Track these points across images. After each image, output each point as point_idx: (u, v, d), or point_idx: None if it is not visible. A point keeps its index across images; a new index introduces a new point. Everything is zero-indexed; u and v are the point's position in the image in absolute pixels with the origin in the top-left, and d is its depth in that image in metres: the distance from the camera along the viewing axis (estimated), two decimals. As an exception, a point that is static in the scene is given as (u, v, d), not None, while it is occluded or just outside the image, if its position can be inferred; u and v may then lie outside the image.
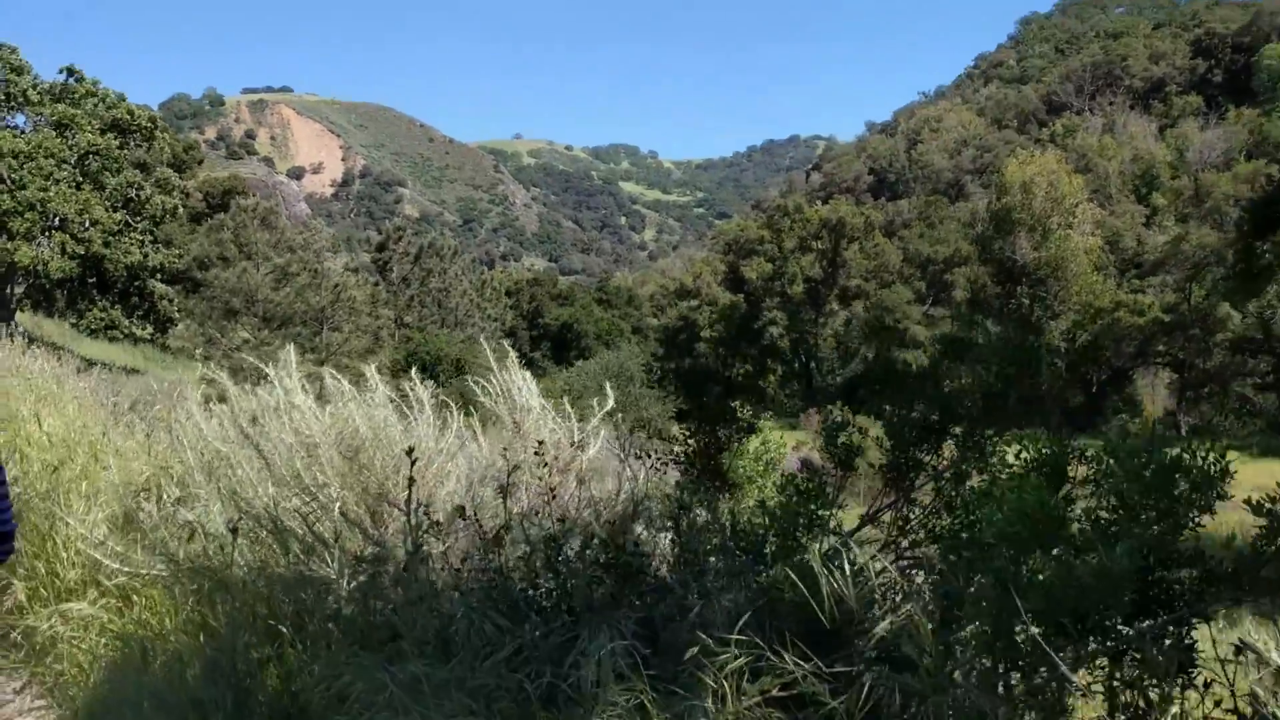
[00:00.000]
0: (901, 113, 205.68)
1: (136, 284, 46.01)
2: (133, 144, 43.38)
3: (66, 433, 5.89)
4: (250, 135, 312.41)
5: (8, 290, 39.05)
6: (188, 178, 61.95)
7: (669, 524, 4.01)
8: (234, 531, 3.68)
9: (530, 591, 3.40)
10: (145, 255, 41.82)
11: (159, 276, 46.77)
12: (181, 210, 47.94)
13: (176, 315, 48.74)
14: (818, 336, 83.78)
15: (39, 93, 41.20)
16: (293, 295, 37.61)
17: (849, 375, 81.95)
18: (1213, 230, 70.93)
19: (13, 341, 12.67)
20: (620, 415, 5.87)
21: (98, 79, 43.62)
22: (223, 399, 7.67)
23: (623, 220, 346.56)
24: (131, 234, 41.64)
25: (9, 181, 37.91)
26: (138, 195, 42.54)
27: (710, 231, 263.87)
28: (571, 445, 4.72)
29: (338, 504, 3.83)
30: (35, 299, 45.80)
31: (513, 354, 4.75)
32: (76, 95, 42.26)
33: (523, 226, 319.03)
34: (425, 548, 3.75)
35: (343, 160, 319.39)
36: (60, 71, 42.80)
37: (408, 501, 3.70)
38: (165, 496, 4.66)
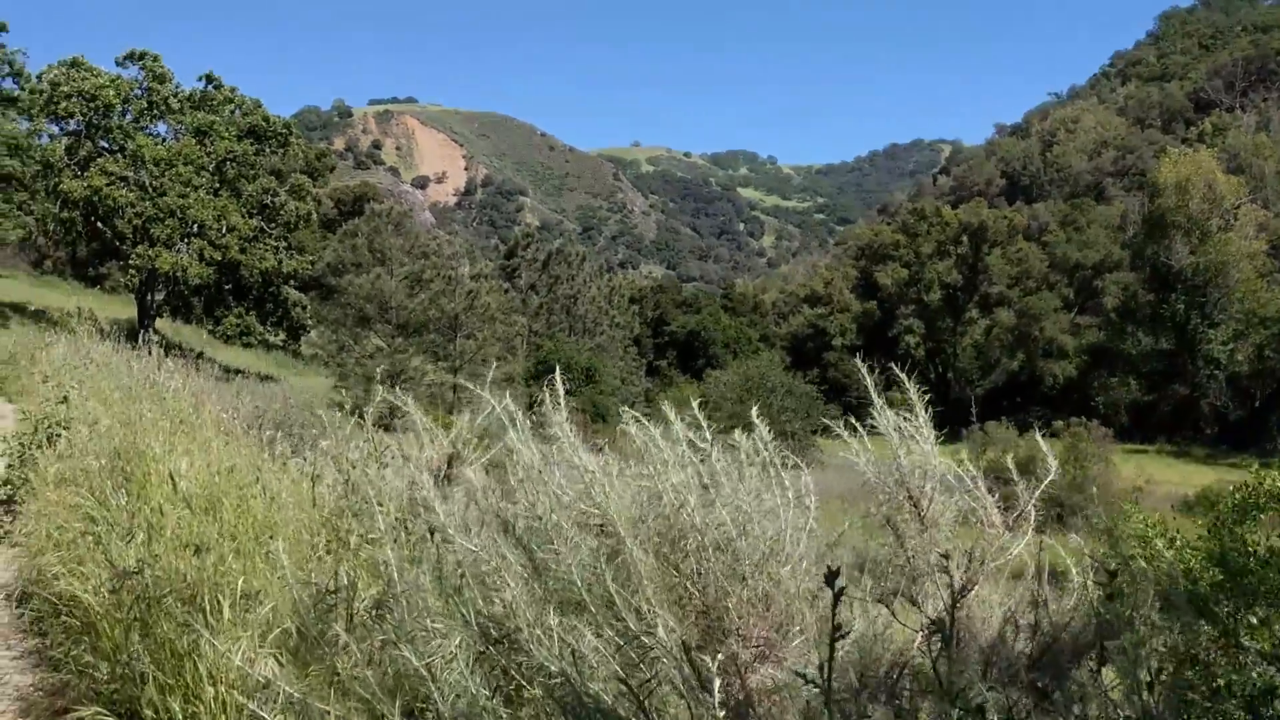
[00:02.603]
0: (1033, 114, 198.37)
1: (271, 290, 46.02)
2: (268, 150, 43.35)
3: (208, 478, 4.38)
4: (376, 145, 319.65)
5: (149, 297, 39.18)
6: (320, 185, 62.35)
7: None
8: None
9: None
10: (279, 261, 41.64)
11: (292, 283, 46.75)
12: (314, 216, 47.88)
13: (309, 322, 48.69)
14: (956, 346, 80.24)
15: (179, 100, 41.41)
16: (426, 302, 36.70)
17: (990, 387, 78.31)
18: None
19: (149, 351, 11.51)
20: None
21: (235, 86, 43.70)
22: (386, 426, 6.08)
23: (741, 226, 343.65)
24: (267, 240, 41.52)
25: (151, 189, 38.06)
26: (273, 201, 42.45)
27: (833, 238, 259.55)
28: (1000, 528, 2.94)
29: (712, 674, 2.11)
30: (174, 305, 46.18)
31: (912, 387, 2.97)
32: (215, 102, 42.36)
33: (641, 234, 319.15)
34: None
35: (465, 169, 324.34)
36: (199, 79, 43.03)
37: (825, 671, 1.96)
38: (356, 599, 3.04)
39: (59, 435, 7.02)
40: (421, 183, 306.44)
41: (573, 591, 2.31)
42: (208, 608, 3.17)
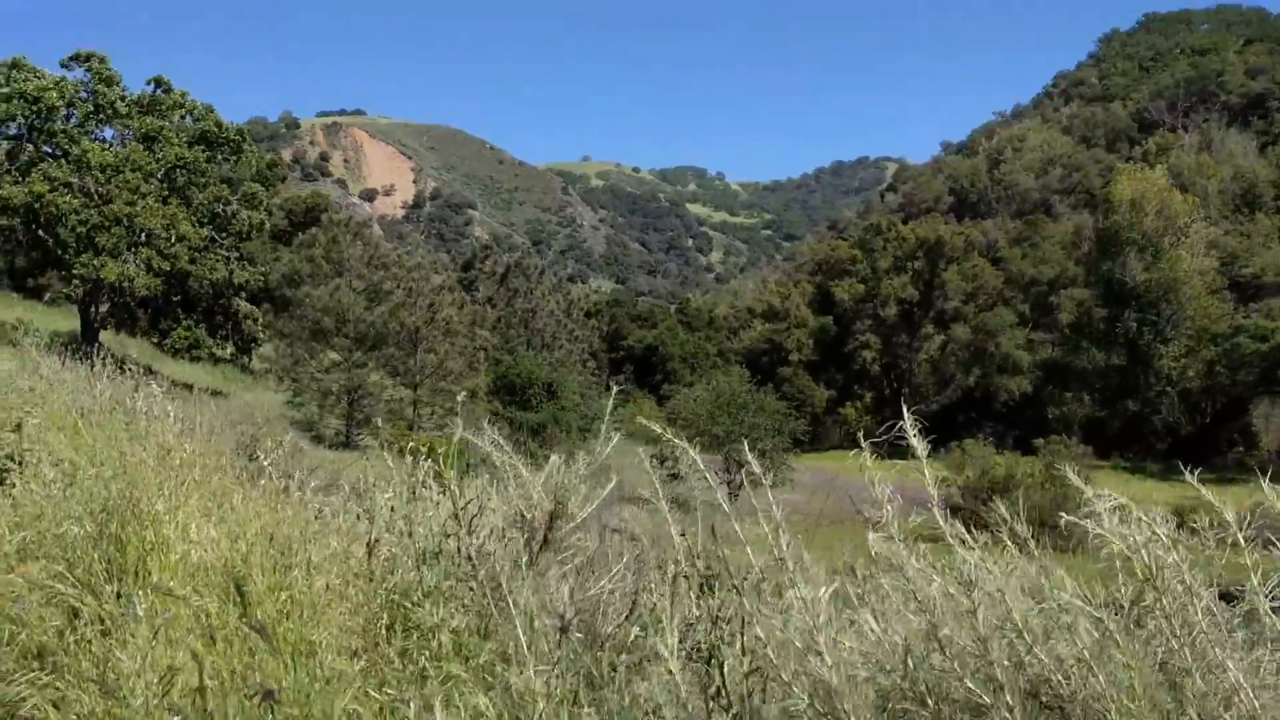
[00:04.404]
0: (979, 132, 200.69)
1: (221, 302, 44.28)
2: (220, 158, 41.70)
3: (230, 547, 3.23)
4: (324, 158, 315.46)
5: (93, 309, 37.33)
6: (271, 195, 60.45)
7: None
8: None
9: None
10: (231, 272, 39.98)
11: (243, 295, 45.03)
12: (267, 226, 46.23)
13: (261, 335, 46.92)
14: (912, 361, 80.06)
15: (127, 104, 39.69)
16: (386, 314, 35.27)
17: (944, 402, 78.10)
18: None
19: (104, 366, 10.12)
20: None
21: (185, 91, 41.98)
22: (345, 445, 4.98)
23: (689, 242, 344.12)
24: (218, 250, 39.85)
25: (96, 196, 36.28)
26: (224, 210, 40.78)
27: (780, 254, 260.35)
28: None
29: None
30: (119, 317, 44.24)
31: None
32: (164, 107, 40.66)
33: (590, 248, 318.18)
34: None
35: (414, 182, 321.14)
36: (148, 83, 41.28)
37: None
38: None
39: (8, 472, 5.79)
40: (369, 195, 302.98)
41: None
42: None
